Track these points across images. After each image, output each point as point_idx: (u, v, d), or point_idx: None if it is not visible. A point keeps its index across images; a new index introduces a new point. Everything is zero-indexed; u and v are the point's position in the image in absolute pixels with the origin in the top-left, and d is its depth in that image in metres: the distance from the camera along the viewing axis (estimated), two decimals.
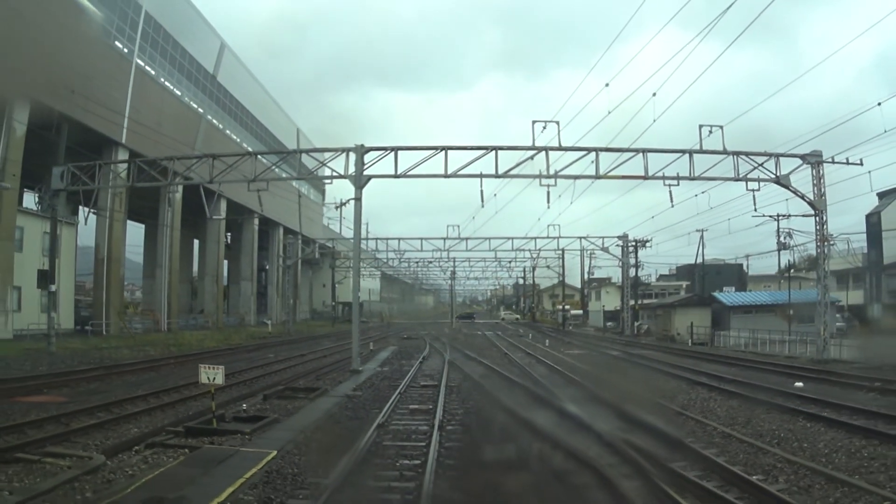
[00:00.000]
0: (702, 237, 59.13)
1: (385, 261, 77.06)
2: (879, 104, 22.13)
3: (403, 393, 14.90)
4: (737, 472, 8.21)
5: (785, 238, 56.87)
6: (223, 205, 51.77)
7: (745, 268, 73.15)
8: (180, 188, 40.99)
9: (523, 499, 6.93)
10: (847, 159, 25.69)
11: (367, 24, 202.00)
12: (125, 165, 28.27)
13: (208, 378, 10.11)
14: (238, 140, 58.34)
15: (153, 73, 43.69)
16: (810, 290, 44.45)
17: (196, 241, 62.46)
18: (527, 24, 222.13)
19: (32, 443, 10.07)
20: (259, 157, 25.01)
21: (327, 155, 23.06)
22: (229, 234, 62.61)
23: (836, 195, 34.65)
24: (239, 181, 22.86)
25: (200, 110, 50.62)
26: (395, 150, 21.15)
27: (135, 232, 53.25)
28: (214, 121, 53.04)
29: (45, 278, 26.03)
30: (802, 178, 27.12)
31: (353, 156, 21.07)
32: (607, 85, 21.43)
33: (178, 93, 47.40)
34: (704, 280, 62.34)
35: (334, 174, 21.54)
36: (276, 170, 24.08)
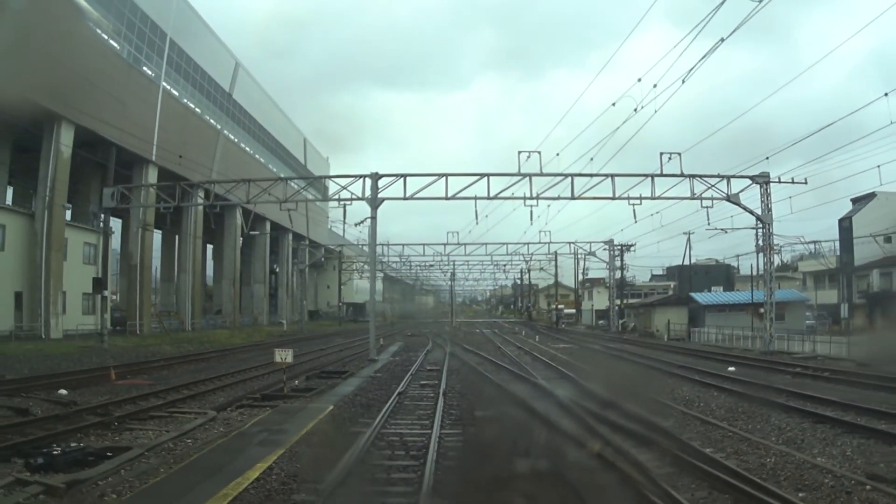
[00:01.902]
0: (688, 240, 63.18)
1: (388, 263, 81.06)
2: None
3: (414, 374, 19.02)
4: (643, 415, 12.24)
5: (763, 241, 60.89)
6: (238, 214, 55.91)
7: (736, 267, 76.91)
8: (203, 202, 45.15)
9: (496, 433, 10.99)
10: (792, 179, 29.83)
11: (365, 23, 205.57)
12: (162, 184, 32.13)
13: (281, 358, 14.16)
14: (251, 151, 62.43)
15: (177, 94, 47.73)
16: (779, 290, 48.58)
17: (209, 246, 66.53)
18: (521, 24, 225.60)
19: (153, 408, 14.13)
20: (278, 174, 29.13)
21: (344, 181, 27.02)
22: (240, 238, 66.63)
23: (821, 198, 38.58)
24: (272, 202, 26.94)
25: (218, 126, 54.70)
26: (404, 176, 25.24)
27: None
28: (231, 136, 57.11)
29: (99, 285, 29.95)
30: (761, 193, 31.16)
31: (368, 181, 25.16)
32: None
33: (199, 111, 51.47)
34: (691, 280, 66.33)
35: (354, 197, 25.48)
36: (306, 193, 27.92)
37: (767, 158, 30.43)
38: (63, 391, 15.80)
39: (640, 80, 22.04)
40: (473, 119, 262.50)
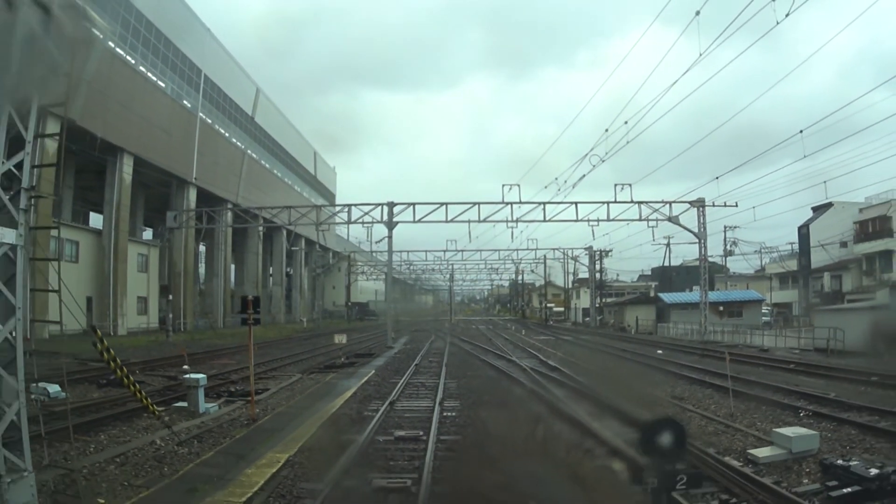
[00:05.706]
0: (668, 244, 70.61)
1: (393, 266, 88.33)
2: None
3: (424, 355, 26.33)
4: (571, 374, 19.48)
5: (731, 246, 69.27)
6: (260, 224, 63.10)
7: (725, 268, 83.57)
8: (229, 214, 52.43)
9: (479, 385, 18.28)
10: (725, 202, 37.10)
11: (357, 23, 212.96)
12: (217, 208, 39.32)
13: (339, 340, 21.37)
14: (269, 167, 69.74)
15: (210, 121, 54.94)
16: (730, 291, 55.96)
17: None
18: (510, 23, 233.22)
19: (259, 372, 21.28)
20: (292, 187, 36.11)
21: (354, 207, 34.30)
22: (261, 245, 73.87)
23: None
24: (309, 224, 34.20)
25: (243, 146, 61.99)
26: (414, 204, 32.60)
27: None
28: (254, 154, 64.41)
29: (166, 290, 37.09)
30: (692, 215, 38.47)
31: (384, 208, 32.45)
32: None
33: (227, 135, 58.73)
34: (671, 280, 73.64)
35: (374, 220, 32.80)
36: (337, 217, 35.18)
37: (717, 178, 38.25)
38: (186, 367, 22.94)
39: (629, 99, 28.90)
40: (467, 117, 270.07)
